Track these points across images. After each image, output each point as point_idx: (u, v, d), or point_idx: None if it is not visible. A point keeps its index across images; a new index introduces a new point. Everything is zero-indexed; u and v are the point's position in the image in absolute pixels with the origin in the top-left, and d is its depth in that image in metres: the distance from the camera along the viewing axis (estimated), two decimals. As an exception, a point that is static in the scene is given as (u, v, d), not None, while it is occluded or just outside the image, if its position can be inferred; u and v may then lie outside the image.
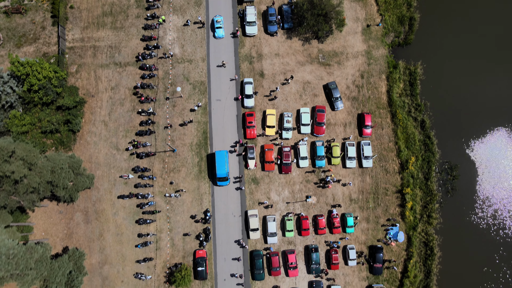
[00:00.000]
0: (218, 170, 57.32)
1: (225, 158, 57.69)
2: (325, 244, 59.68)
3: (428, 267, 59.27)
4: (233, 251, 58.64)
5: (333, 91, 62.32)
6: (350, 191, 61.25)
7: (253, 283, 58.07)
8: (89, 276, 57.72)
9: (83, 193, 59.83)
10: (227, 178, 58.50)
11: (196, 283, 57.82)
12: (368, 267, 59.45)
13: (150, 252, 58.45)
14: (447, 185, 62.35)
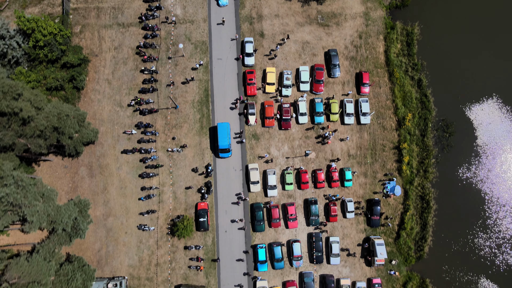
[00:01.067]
0: (220, 141, 58.52)
1: (227, 130, 58.96)
2: (324, 197, 61.10)
3: (424, 220, 60.71)
4: (234, 204, 59.99)
5: (333, 58, 63.65)
6: (349, 147, 62.68)
7: (253, 235, 59.53)
8: (93, 227, 59.21)
9: (87, 148, 61.23)
10: (229, 149, 59.74)
11: (198, 234, 59.26)
12: (365, 220, 60.90)
13: (153, 204, 59.90)
14: (443, 142, 63.76)
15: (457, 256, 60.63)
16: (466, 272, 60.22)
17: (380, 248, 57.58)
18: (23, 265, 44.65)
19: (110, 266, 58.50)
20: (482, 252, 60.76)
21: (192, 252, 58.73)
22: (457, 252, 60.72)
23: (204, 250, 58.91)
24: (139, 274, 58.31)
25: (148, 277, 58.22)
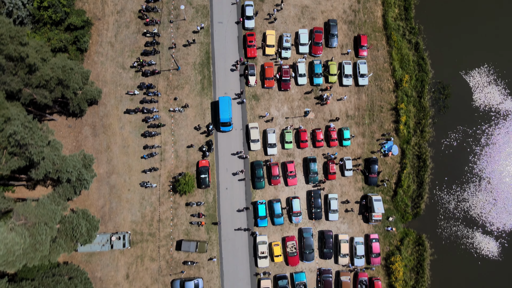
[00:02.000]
0: (221, 115, 59.55)
1: (228, 104, 60.04)
2: (322, 157, 62.36)
3: (421, 178, 62.00)
4: (235, 162, 61.31)
5: (332, 28, 64.76)
6: (347, 108, 63.92)
7: (253, 192, 60.83)
8: (97, 185, 60.50)
9: (91, 108, 62.44)
10: (230, 123, 60.78)
11: (199, 191, 60.54)
12: (363, 178, 62.16)
13: (155, 163, 61.15)
14: (439, 103, 65.01)
15: (453, 213, 61.95)
16: (461, 228, 61.56)
17: (377, 203, 58.86)
18: (30, 207, 45.91)
19: (113, 222, 59.79)
20: (477, 209, 62.08)
21: (194, 208, 60.01)
22: (453, 209, 62.02)
23: (205, 207, 60.21)
24: (142, 229, 59.62)
25: (151, 233, 59.53)
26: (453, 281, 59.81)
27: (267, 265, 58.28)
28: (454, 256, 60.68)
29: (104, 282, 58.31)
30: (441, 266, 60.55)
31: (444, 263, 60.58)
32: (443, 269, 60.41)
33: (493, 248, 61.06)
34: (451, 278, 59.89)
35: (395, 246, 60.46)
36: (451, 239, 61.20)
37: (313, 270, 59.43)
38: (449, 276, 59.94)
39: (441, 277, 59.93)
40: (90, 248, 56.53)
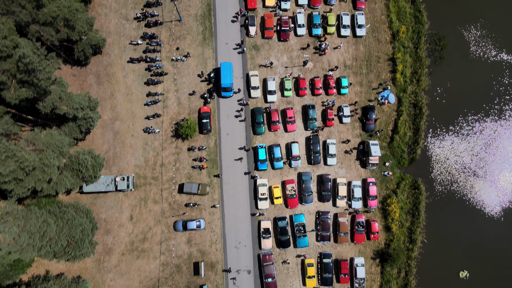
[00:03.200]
0: (222, 80, 60.81)
1: (229, 69, 61.46)
2: (321, 105, 63.94)
3: (417, 125, 63.58)
4: (236, 108, 62.89)
5: None
6: (345, 58, 65.46)
7: (254, 138, 62.45)
8: (101, 130, 62.14)
9: (95, 58, 63.98)
10: (231, 88, 62.23)
11: (201, 137, 62.16)
12: (361, 126, 63.75)
13: (158, 109, 62.75)
14: (435, 54, 66.54)
15: (448, 159, 63.56)
16: (456, 173, 63.18)
17: (374, 147, 60.47)
18: (38, 135, 47.59)
19: (117, 166, 61.45)
20: (471, 155, 63.68)
21: (196, 153, 61.66)
22: (448, 155, 63.64)
23: (207, 151, 61.84)
24: (145, 173, 61.27)
25: (154, 176, 61.18)
26: (448, 223, 61.47)
27: (267, 207, 59.95)
28: (449, 200, 62.33)
29: (109, 223, 60.00)
30: (436, 209, 62.16)
31: (439, 206, 62.22)
32: (438, 212, 62.03)
33: (486, 192, 62.64)
34: (446, 221, 61.53)
35: (391, 190, 62.10)
36: (446, 183, 62.83)
37: (312, 213, 61.10)
38: (444, 218, 61.58)
39: (436, 220, 61.58)
40: (95, 188, 58.13)
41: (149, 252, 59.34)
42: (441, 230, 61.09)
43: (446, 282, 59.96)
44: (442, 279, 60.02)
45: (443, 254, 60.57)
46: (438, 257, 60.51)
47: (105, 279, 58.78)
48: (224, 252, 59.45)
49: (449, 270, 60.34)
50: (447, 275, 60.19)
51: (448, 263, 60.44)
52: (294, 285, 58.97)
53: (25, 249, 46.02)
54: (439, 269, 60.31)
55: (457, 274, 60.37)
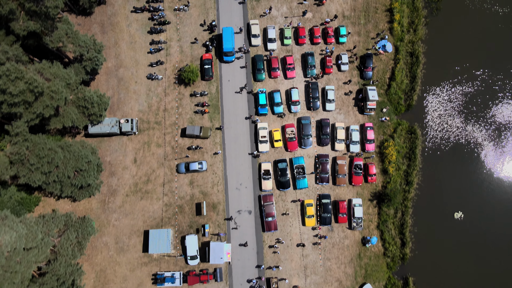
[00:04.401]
0: (224, 44, 62.07)
1: (231, 34, 62.86)
2: (320, 53, 65.49)
3: (414, 73, 65.13)
4: (236, 55, 64.47)
5: None
6: (343, 8, 66.97)
7: (254, 84, 64.02)
8: (106, 77, 63.70)
9: (99, 8, 65.40)
10: (233, 53, 63.59)
11: (203, 83, 63.71)
12: (359, 74, 65.31)
13: (161, 57, 64.30)
14: (432, 5, 68.02)
15: (445, 105, 65.14)
16: (452, 119, 64.77)
17: (372, 92, 62.02)
18: (46, 65, 49.16)
19: (121, 111, 63.03)
20: (467, 101, 65.30)
21: (198, 99, 63.21)
22: (444, 101, 65.21)
23: (208, 97, 63.41)
24: (149, 118, 62.86)
25: (157, 121, 62.77)
26: (443, 166, 63.06)
27: (267, 150, 61.57)
28: (444, 144, 63.91)
29: (113, 165, 61.61)
30: (432, 153, 63.75)
31: (435, 150, 63.81)
32: (433, 156, 63.61)
33: (480, 136, 64.21)
34: (442, 164, 63.11)
35: (388, 135, 63.68)
36: (442, 128, 64.43)
37: (311, 156, 62.72)
38: (439, 162, 63.18)
39: (432, 163, 63.17)
40: (100, 129, 59.59)
41: (152, 194, 60.97)
42: (436, 173, 62.69)
43: (441, 223, 61.58)
44: (437, 219, 61.65)
45: (438, 196, 62.20)
46: (434, 199, 62.14)
47: (110, 219, 60.42)
48: (225, 193, 61.08)
49: (444, 211, 61.97)
50: (442, 216, 61.82)
51: (443, 204, 62.10)
52: (294, 225, 60.61)
53: (34, 173, 47.67)
54: (435, 210, 61.93)
55: (452, 215, 62.00)
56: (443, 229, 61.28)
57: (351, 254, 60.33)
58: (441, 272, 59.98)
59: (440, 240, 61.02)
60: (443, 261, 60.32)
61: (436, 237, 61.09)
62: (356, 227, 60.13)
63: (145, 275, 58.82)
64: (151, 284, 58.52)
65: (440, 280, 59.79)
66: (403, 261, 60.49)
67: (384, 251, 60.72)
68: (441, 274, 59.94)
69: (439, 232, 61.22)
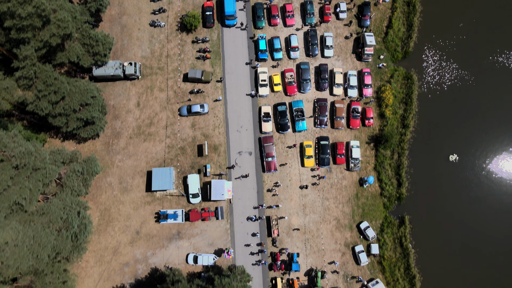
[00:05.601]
0: (226, 8, 63.51)
1: None
2: (318, 2, 66.94)
3: (410, 21, 66.52)
4: (238, 5, 65.90)
5: None
6: (342, -41, 68.48)
7: (255, 31, 65.52)
8: (109, 24, 65.19)
9: (103, -42, 66.82)
10: (235, 17, 64.92)
11: (205, 30, 65.19)
12: (357, 22, 66.79)
13: (164, 5, 65.78)
14: (428, -42, 69.51)
15: (440, 51, 66.66)
16: (448, 65, 66.30)
17: (369, 37, 63.55)
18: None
19: (125, 57, 64.53)
20: (463, 46, 66.82)
21: (199, 45, 64.70)
22: (440, 48, 66.76)
23: (210, 44, 64.92)
24: (151, 64, 64.38)
25: (160, 67, 64.29)
26: (439, 110, 64.57)
27: (267, 94, 63.11)
28: (440, 90, 65.44)
29: (117, 109, 63.16)
30: (428, 98, 65.28)
31: (431, 95, 65.33)
32: (429, 101, 65.12)
33: (476, 82, 65.76)
34: (437, 108, 64.63)
35: (385, 81, 65.22)
36: (438, 74, 65.93)
37: (310, 101, 64.28)
38: (435, 106, 64.69)
39: (427, 108, 64.67)
40: (104, 71, 60.92)
41: (155, 136, 62.54)
42: (432, 116, 64.22)
43: (436, 164, 63.18)
44: (433, 161, 63.22)
45: (434, 139, 63.76)
46: (429, 142, 63.68)
47: (114, 160, 62.00)
48: (226, 136, 62.66)
49: (440, 153, 63.55)
50: (438, 157, 63.40)
51: (439, 147, 63.67)
52: (293, 166, 62.21)
53: (41, 101, 49.20)
54: (430, 152, 63.49)
55: (447, 157, 63.59)
56: (438, 171, 62.88)
57: (349, 194, 61.97)
58: (436, 211, 61.60)
59: (435, 181, 62.62)
60: (438, 201, 61.92)
61: (432, 178, 62.68)
62: (354, 168, 61.71)
63: (148, 214, 60.44)
64: (154, 222, 60.15)
65: (435, 218, 61.41)
66: (399, 201, 62.12)
67: (381, 191, 62.34)
68: (436, 213, 61.56)
69: (434, 174, 62.81)
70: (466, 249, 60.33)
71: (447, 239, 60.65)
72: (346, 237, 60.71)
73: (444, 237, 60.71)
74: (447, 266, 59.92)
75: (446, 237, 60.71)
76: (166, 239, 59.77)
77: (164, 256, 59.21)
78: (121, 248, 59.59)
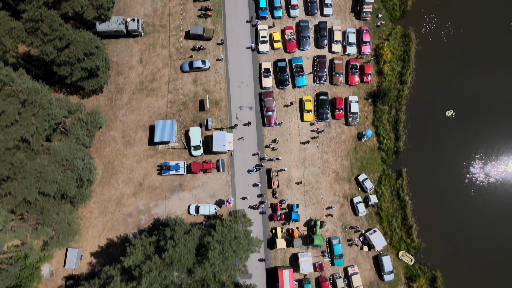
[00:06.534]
0: None
1: None
2: (318, -37, 68.17)
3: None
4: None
5: None
6: None
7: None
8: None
9: None
10: None
11: (206, -11, 66.38)
12: (355, -18, 67.96)
13: (165, -36, 66.99)
14: None
15: (438, 10, 67.77)
16: (446, 24, 67.46)
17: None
18: None
19: (127, 15, 65.67)
20: (461, 5, 67.96)
21: (201, 3, 65.83)
22: (438, 6, 67.90)
23: (211, 2, 66.05)
24: (154, 22, 65.54)
25: (162, 25, 65.45)
26: (436, 66, 65.74)
27: (267, 50, 64.27)
28: (437, 47, 66.58)
29: (120, 65, 64.36)
30: (425, 55, 66.41)
31: (428, 53, 66.45)
32: (427, 58, 66.23)
33: (473, 40, 66.93)
34: (434, 65, 65.78)
35: (383, 39, 66.37)
36: (435, 32, 67.05)
37: (310, 58, 65.44)
38: (432, 63, 65.83)
39: (425, 66, 65.81)
40: (108, 26, 61.97)
41: (157, 91, 63.76)
42: (429, 73, 65.41)
43: (433, 120, 64.39)
44: (429, 116, 64.43)
45: (431, 95, 64.95)
46: (427, 98, 64.87)
47: (117, 115, 63.23)
48: (227, 91, 63.87)
49: (437, 109, 64.76)
50: (435, 113, 64.62)
51: (436, 103, 64.88)
52: (293, 120, 63.44)
53: (46, 45, 50.37)
54: (427, 108, 64.68)
55: (444, 113, 64.80)
56: (435, 126, 64.12)
57: (347, 148, 63.23)
58: (432, 164, 62.88)
59: (432, 135, 63.87)
60: (435, 154, 63.19)
61: (428, 133, 63.94)
62: (352, 122, 62.94)
63: (151, 166, 61.72)
64: (156, 174, 61.44)
65: (431, 171, 62.70)
66: (396, 155, 63.38)
67: (379, 145, 63.61)
68: (432, 166, 62.84)
69: (431, 129, 64.05)
70: (462, 198, 61.75)
71: (444, 191, 61.98)
72: (345, 189, 62.02)
73: (440, 189, 62.04)
74: (444, 216, 61.29)
75: (443, 189, 62.04)
76: (168, 191, 61.06)
77: (167, 207, 60.51)
78: (124, 199, 60.90)
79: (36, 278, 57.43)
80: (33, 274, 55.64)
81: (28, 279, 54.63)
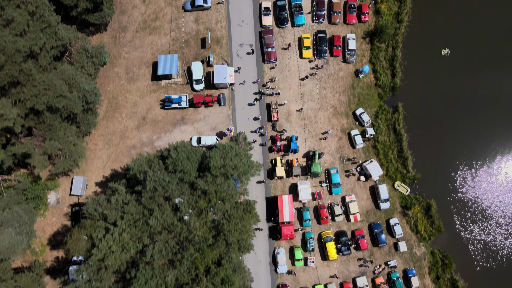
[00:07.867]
0: None
1: None
2: None
3: None
4: None
5: None
6: None
7: None
8: None
9: None
10: None
11: None
12: None
13: None
14: None
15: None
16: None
17: None
18: None
19: (130, -44, 67.18)
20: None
21: None
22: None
23: None
24: (156, -37, 67.05)
25: (164, -34, 66.94)
26: (433, 6, 67.34)
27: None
28: (433, -11, 68.28)
29: (123, 4, 65.93)
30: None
31: (424, -6, 68.18)
32: None
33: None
34: (430, 6, 67.37)
35: (381, -18, 67.92)
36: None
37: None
38: (428, 3, 67.41)
39: (421, 5, 67.35)
40: (111, -36, 63.64)
41: (160, 29, 65.36)
42: (426, 13, 66.96)
43: (429, 58, 66.07)
44: (425, 54, 66.10)
45: (427, 34, 66.56)
46: (423, 36, 66.47)
47: (121, 52, 64.86)
48: (228, 29, 65.47)
49: (432, 47, 66.41)
50: (430, 51, 66.27)
51: (432, 41, 66.49)
52: (292, 58, 65.08)
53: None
54: (423, 46, 66.31)
55: (439, 51, 66.46)
56: (430, 64, 65.81)
57: (345, 84, 64.91)
58: (427, 99, 64.64)
59: (427, 73, 65.57)
60: (430, 92, 64.91)
61: (424, 71, 65.61)
62: (350, 59, 64.57)
63: (154, 101, 63.44)
64: (159, 108, 63.15)
65: (427, 105, 64.48)
66: (393, 91, 65.07)
67: (376, 82, 65.28)
68: (427, 101, 64.61)
69: (427, 66, 65.74)
70: (455, 131, 63.62)
71: (438, 124, 63.75)
72: (343, 123, 63.77)
73: (435, 123, 63.82)
74: (438, 148, 63.13)
75: (437, 122, 63.81)
76: (171, 124, 62.80)
77: (169, 139, 62.21)
78: (128, 132, 62.63)
79: (43, 206, 59.29)
80: (39, 199, 57.44)
81: (36, 201, 56.43)
